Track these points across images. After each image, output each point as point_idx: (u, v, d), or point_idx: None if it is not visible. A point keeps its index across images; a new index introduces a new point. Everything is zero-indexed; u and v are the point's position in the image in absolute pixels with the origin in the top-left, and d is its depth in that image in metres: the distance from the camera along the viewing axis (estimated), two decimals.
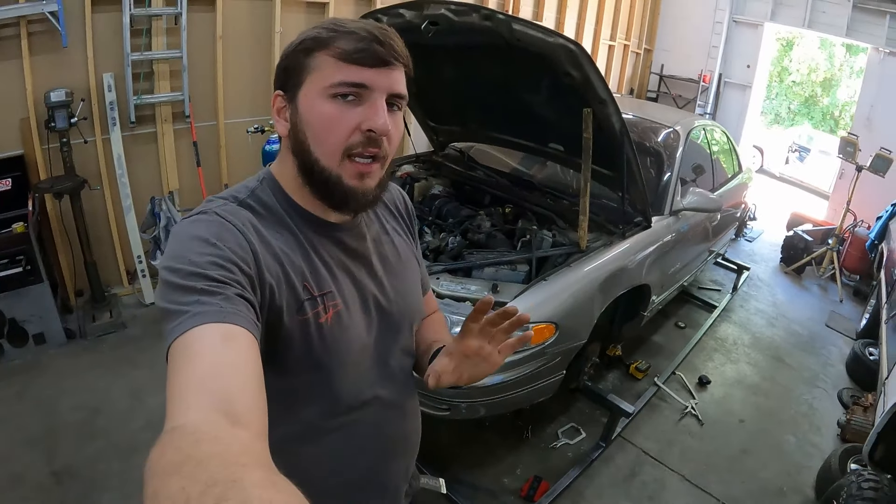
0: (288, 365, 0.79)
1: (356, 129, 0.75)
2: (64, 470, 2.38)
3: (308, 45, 0.77)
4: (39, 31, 2.95)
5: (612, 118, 2.28)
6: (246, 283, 0.68)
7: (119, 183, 3.36)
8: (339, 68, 0.74)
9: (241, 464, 0.44)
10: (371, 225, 0.94)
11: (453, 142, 3.57)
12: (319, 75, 0.75)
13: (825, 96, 15.11)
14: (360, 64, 0.74)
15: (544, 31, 2.12)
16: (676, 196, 3.04)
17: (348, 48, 0.74)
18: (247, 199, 0.81)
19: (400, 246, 0.99)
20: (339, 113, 0.75)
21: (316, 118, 0.76)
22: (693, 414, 3.17)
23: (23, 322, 2.99)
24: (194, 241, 0.69)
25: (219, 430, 0.50)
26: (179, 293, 0.63)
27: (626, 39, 7.36)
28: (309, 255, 0.81)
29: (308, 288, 0.79)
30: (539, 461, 2.68)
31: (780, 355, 3.95)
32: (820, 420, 3.32)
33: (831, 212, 6.36)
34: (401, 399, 0.98)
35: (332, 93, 0.75)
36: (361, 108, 0.75)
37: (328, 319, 0.80)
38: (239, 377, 0.57)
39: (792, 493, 2.73)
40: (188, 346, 0.59)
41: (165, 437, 0.48)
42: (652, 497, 2.59)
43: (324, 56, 0.75)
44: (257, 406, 0.57)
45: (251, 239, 0.73)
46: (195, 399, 0.53)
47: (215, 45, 3.61)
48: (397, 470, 1.02)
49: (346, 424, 0.89)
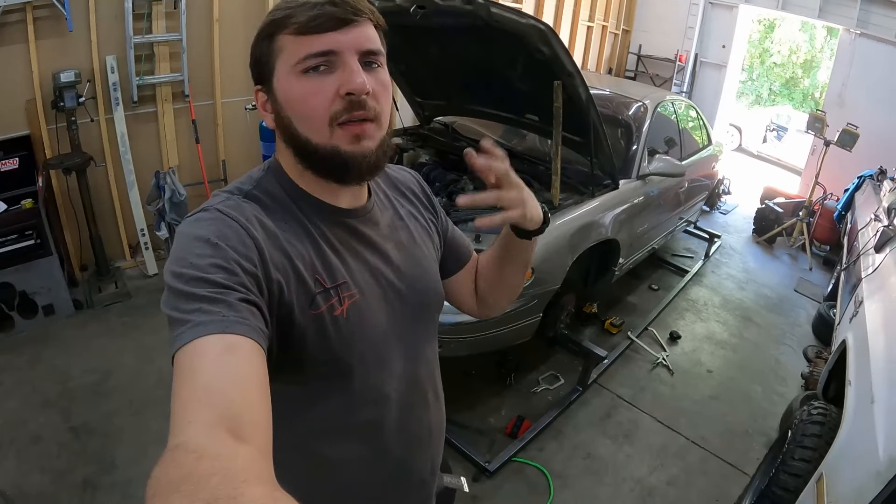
0: (305, 362, 0.76)
1: (335, 96, 0.72)
2: (81, 426, 2.53)
3: (268, 31, 0.74)
4: (44, 16, 3.10)
5: (579, 89, 2.54)
6: (251, 284, 0.66)
7: (122, 160, 3.55)
8: (301, 42, 0.72)
9: (242, 479, 0.44)
10: (385, 211, 0.91)
11: (439, 116, 3.79)
12: (285, 56, 0.73)
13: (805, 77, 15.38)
14: (319, 31, 0.71)
15: (518, 14, 2.39)
16: (644, 162, 3.30)
17: (303, 19, 0.71)
18: (252, 190, 0.78)
19: (416, 231, 0.96)
20: (314, 86, 0.72)
21: (294, 99, 0.74)
22: (664, 365, 3.42)
23: (33, 294, 3.11)
24: (196, 243, 0.67)
25: (220, 446, 0.49)
26: (182, 300, 0.62)
27: (605, 20, 7.53)
28: (319, 244, 0.78)
29: (320, 280, 0.76)
30: (521, 404, 2.92)
31: (749, 315, 4.20)
32: (785, 372, 3.56)
33: (803, 186, 6.58)
34: (424, 389, 0.95)
35: (302, 68, 0.72)
36: (335, 74, 0.72)
37: (344, 311, 0.77)
38: (241, 391, 0.56)
39: (757, 435, 2.96)
40: (190, 358, 0.58)
41: (167, 455, 0.47)
42: (626, 435, 2.83)
43: (284, 36, 0.73)
44: (260, 420, 0.55)
45: (256, 235, 0.70)
46: (196, 415, 0.52)
47: (212, 28, 3.78)
48: (423, 463, 0.99)
49: (368, 420, 0.86)
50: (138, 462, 2.34)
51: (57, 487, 2.24)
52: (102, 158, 3.54)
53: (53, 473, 2.30)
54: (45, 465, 2.34)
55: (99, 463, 2.36)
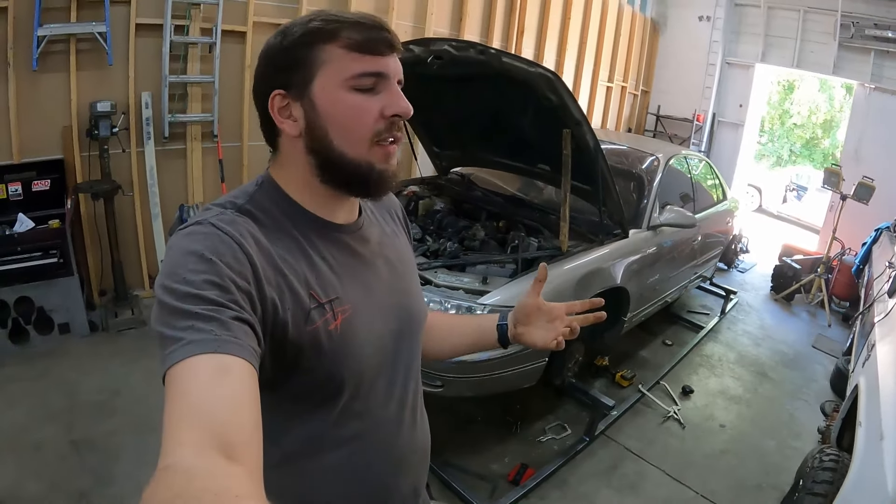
0: (298, 376, 0.77)
1: (380, 116, 0.76)
2: (82, 440, 2.55)
3: (310, 39, 0.75)
4: (87, 48, 3.32)
5: (586, 136, 2.62)
6: (244, 301, 0.66)
7: (149, 192, 3.71)
8: (356, 59, 0.74)
9: (233, 496, 0.44)
10: (372, 228, 0.92)
11: (455, 166, 3.90)
12: (334, 67, 0.74)
13: (826, 137, 15.43)
14: (375, 53, 0.75)
15: (527, 63, 2.51)
16: (654, 213, 3.33)
17: (360, 38, 0.74)
18: (245, 204, 0.77)
19: (402, 248, 0.98)
20: (363, 103, 0.75)
21: (341, 112, 0.75)
22: (675, 418, 3.33)
23: (50, 311, 3.22)
24: (189, 257, 0.66)
25: (212, 466, 0.49)
26: (174, 317, 0.61)
27: (624, 81, 7.75)
28: (313, 260, 0.79)
29: (315, 295, 0.76)
30: (526, 452, 2.86)
31: (765, 371, 4.10)
32: (800, 427, 3.44)
33: (821, 242, 6.53)
34: (411, 406, 0.95)
35: (355, 85, 0.74)
36: (381, 96, 0.76)
37: (337, 327, 0.78)
38: (233, 412, 0.55)
39: (769, 489, 2.84)
40: (181, 378, 0.57)
41: (158, 475, 0.47)
42: (632, 487, 2.74)
43: (334, 48, 0.74)
44: (251, 441, 0.56)
45: (249, 251, 0.70)
46: (188, 436, 0.52)
47: (244, 74, 4.01)
48: (407, 486, 0.97)
49: (353, 437, 0.85)
50: (134, 479, 2.35)
51: (52, 496, 2.26)
52: (130, 188, 3.69)
53: (50, 482, 2.32)
54: (43, 473, 2.36)
55: (96, 476, 2.38)
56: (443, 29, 5.40)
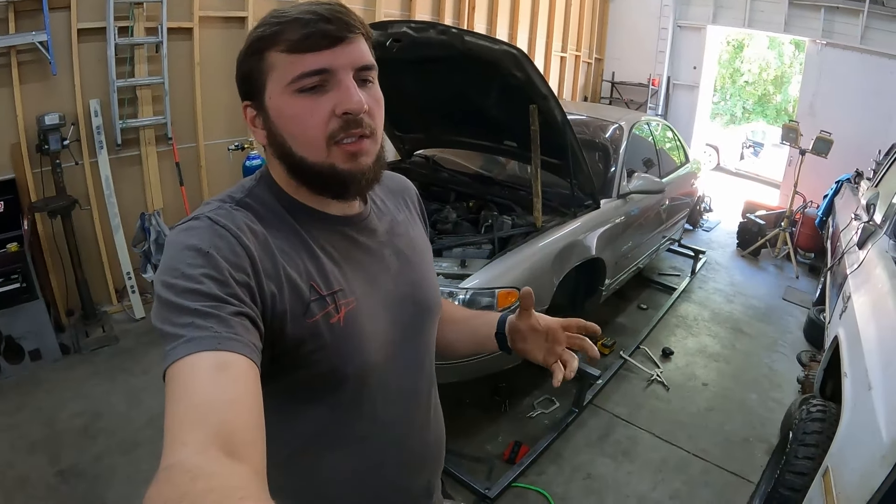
0: (299, 371, 0.75)
1: (332, 115, 0.71)
2: (69, 469, 2.47)
3: (257, 47, 0.72)
4: (29, 60, 3.14)
5: (554, 111, 2.60)
6: (244, 295, 0.65)
7: (107, 203, 3.55)
8: (294, 61, 0.70)
9: (238, 497, 0.44)
10: (383, 217, 0.89)
11: (419, 149, 3.84)
12: (277, 74, 0.71)
13: (777, 93, 15.88)
14: (314, 49, 0.69)
15: (491, 41, 2.47)
16: (623, 181, 3.36)
17: (295, 37, 0.69)
18: (244, 198, 0.76)
19: (416, 238, 0.94)
20: (309, 105, 0.71)
21: (288, 118, 0.72)
22: (659, 381, 3.41)
23: (19, 339, 3.07)
24: (187, 252, 0.65)
25: (215, 465, 0.49)
26: (174, 313, 0.61)
27: (577, 50, 7.77)
28: (314, 251, 0.76)
29: (315, 287, 0.74)
30: (518, 429, 2.89)
31: (740, 326, 4.23)
32: (780, 379, 3.56)
33: (783, 197, 6.70)
34: (423, 403, 0.93)
35: (296, 88, 0.70)
36: (331, 93, 0.71)
37: (340, 320, 0.75)
38: (235, 410, 0.55)
39: (757, 442, 2.95)
40: (183, 376, 0.57)
41: (161, 475, 0.46)
42: (626, 453, 2.80)
43: (275, 53, 0.71)
44: (254, 439, 0.55)
45: (247, 244, 0.69)
46: (190, 435, 0.51)
47: (193, 71, 3.86)
48: (419, 485, 0.96)
49: (362, 434, 0.84)
50: (129, 501, 2.29)
51: None
52: (87, 202, 3.54)
53: None
54: None
55: None
56: (393, 10, 5.30)
